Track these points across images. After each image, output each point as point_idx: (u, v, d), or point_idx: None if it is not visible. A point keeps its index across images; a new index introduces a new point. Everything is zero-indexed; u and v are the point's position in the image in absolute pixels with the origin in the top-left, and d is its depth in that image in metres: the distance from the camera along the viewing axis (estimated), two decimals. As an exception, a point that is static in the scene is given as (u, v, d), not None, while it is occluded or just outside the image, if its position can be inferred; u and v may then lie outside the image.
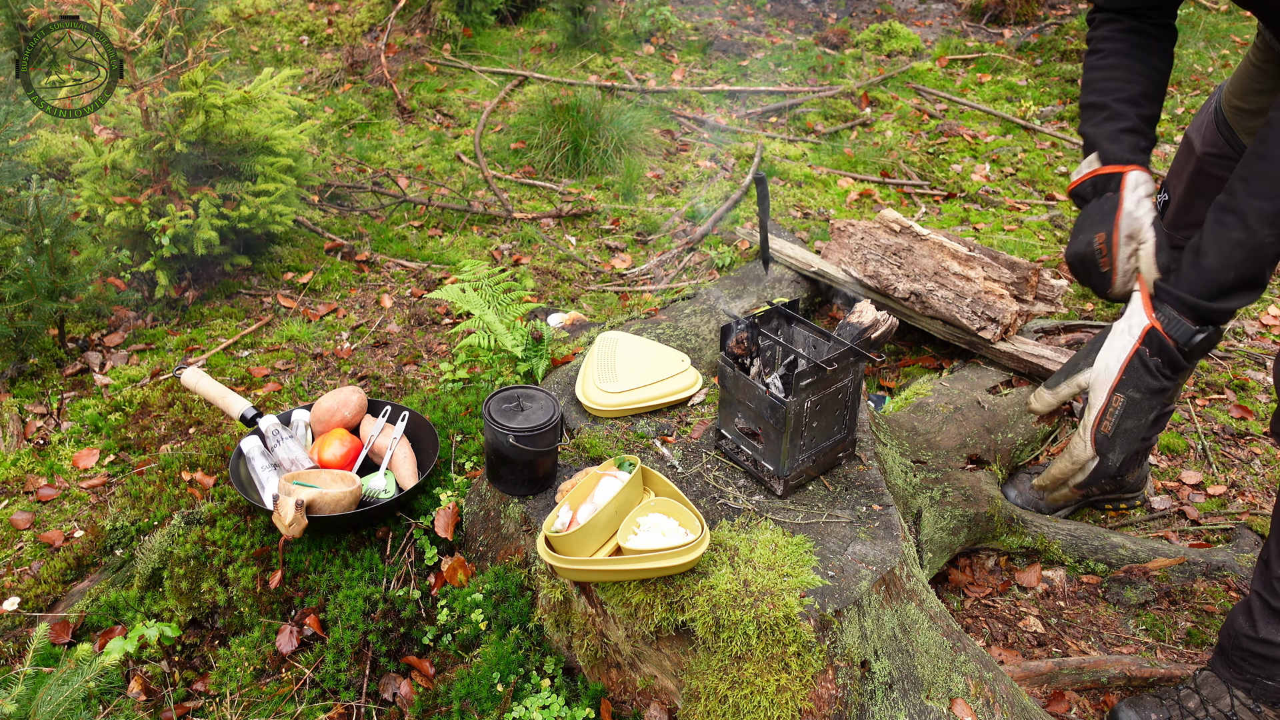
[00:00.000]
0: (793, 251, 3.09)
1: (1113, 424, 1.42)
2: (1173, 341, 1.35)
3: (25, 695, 1.49)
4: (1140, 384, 1.38)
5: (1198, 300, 1.33)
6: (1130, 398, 1.39)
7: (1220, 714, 1.77)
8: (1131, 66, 1.59)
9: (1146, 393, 1.38)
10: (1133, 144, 1.55)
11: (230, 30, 5.37)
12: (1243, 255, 1.28)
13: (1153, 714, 1.81)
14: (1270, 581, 1.69)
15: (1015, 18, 6.57)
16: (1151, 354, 1.37)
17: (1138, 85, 1.58)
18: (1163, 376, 1.37)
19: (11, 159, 2.82)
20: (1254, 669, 1.75)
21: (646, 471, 1.67)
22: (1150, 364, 1.37)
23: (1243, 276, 1.30)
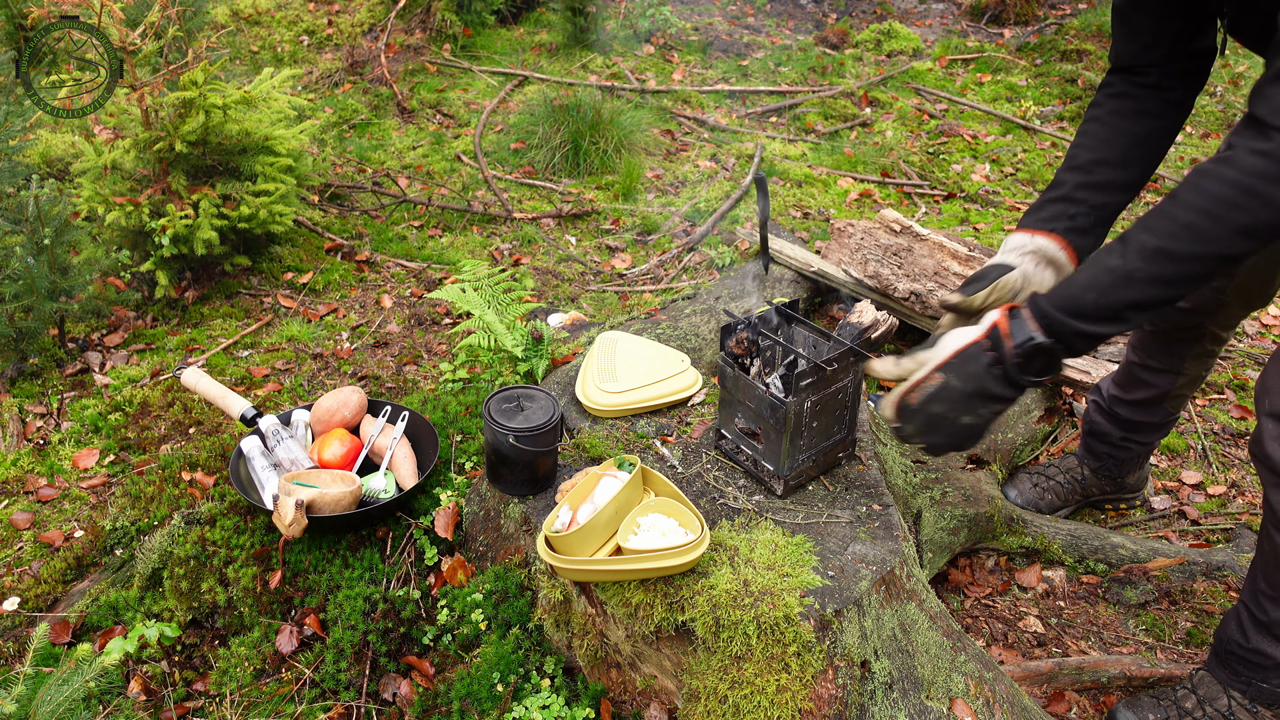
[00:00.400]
0: (793, 251, 3.09)
1: (920, 399, 1.38)
2: (1010, 342, 1.30)
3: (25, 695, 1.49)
4: (963, 373, 1.34)
5: (1050, 307, 1.29)
6: (948, 383, 1.35)
7: (1218, 714, 1.77)
8: (1097, 133, 1.56)
9: (965, 385, 1.34)
10: (1054, 213, 1.54)
11: (230, 30, 5.37)
12: (1109, 281, 1.24)
13: (1150, 714, 1.81)
14: (1257, 596, 1.70)
15: (1015, 18, 6.57)
16: (987, 349, 1.33)
17: (1092, 153, 1.55)
18: (988, 375, 1.32)
19: (11, 159, 2.82)
20: (1248, 672, 1.75)
21: (646, 471, 1.67)
22: (982, 357, 1.33)
23: (1102, 303, 1.25)
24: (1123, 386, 2.23)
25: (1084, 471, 2.40)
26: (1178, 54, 1.51)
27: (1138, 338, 2.16)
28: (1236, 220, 1.15)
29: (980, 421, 1.37)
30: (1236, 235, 1.16)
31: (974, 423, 1.37)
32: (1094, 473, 2.38)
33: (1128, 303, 1.24)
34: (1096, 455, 2.36)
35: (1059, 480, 2.42)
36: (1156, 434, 2.28)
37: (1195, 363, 2.11)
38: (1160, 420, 2.22)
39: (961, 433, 1.39)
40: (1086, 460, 2.39)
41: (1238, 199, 1.14)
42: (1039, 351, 1.28)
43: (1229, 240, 1.17)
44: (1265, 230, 1.15)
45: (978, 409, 1.35)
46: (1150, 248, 1.21)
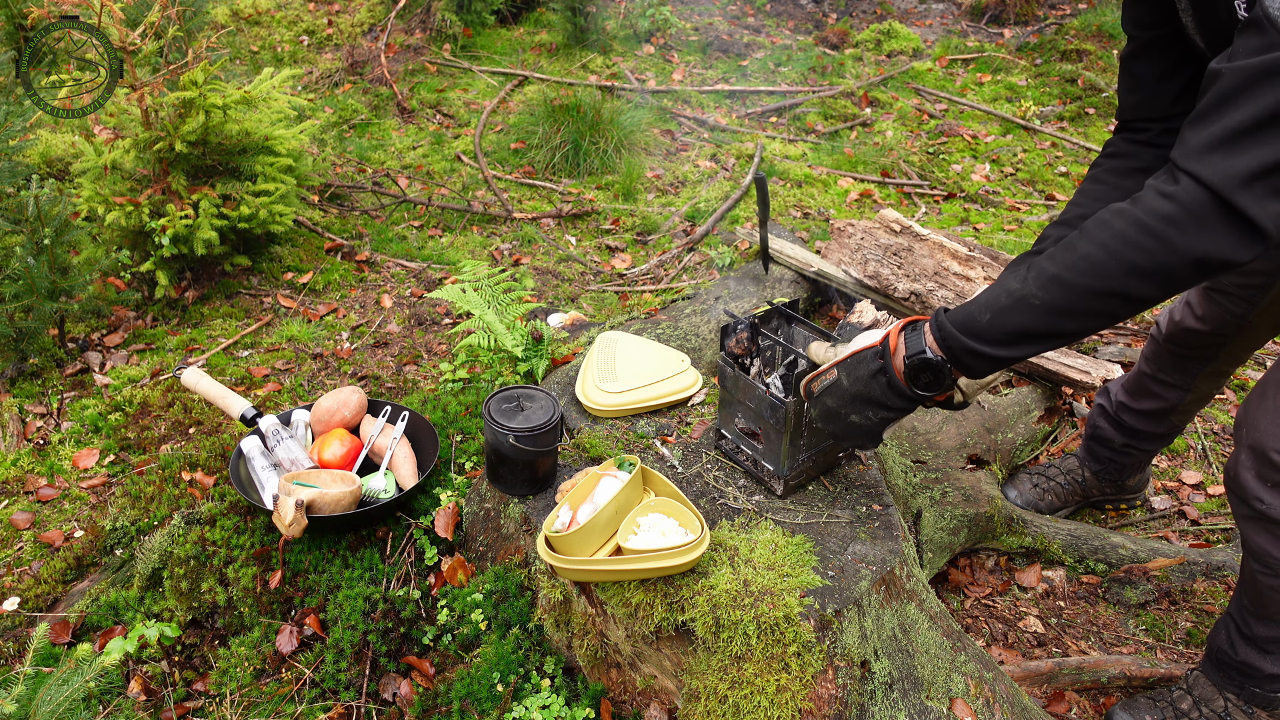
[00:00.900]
0: (793, 251, 3.09)
1: (819, 389, 1.46)
2: (899, 355, 1.31)
3: (25, 695, 1.49)
4: (853, 375, 1.38)
5: (946, 322, 1.28)
6: (840, 380, 1.40)
7: (1214, 714, 1.77)
8: (1089, 190, 1.56)
9: (851, 387, 1.37)
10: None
11: (230, 30, 5.37)
12: (1006, 303, 1.23)
13: (1147, 715, 1.81)
14: (1242, 612, 1.71)
15: (1015, 18, 6.57)
16: (877, 356, 1.34)
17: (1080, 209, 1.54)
18: (873, 382, 1.33)
19: (11, 159, 2.82)
20: (1241, 678, 1.77)
21: (646, 471, 1.67)
22: (871, 363, 1.34)
23: (996, 324, 1.23)
24: (1132, 394, 2.21)
25: (1085, 473, 2.40)
26: (1178, 110, 1.49)
27: (1151, 349, 2.13)
28: (1133, 259, 1.13)
29: (868, 424, 1.39)
30: (1132, 275, 1.14)
31: (862, 424, 1.40)
32: (1095, 475, 2.39)
33: (1020, 329, 1.22)
34: (1098, 459, 2.35)
35: (1059, 481, 2.42)
36: (1160, 442, 2.27)
37: (1207, 381, 2.09)
38: (1165, 431, 2.22)
39: (852, 430, 1.42)
40: (1088, 463, 2.39)
41: (1137, 238, 1.12)
42: (926, 366, 1.29)
43: (1123, 279, 1.15)
44: (1161, 274, 1.13)
45: (864, 411, 1.38)
46: (1048, 274, 1.19)
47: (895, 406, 1.35)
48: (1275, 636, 1.69)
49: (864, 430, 1.41)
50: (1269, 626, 1.68)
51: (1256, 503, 1.55)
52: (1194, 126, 1.12)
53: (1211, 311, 1.91)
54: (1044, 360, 2.58)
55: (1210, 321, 1.92)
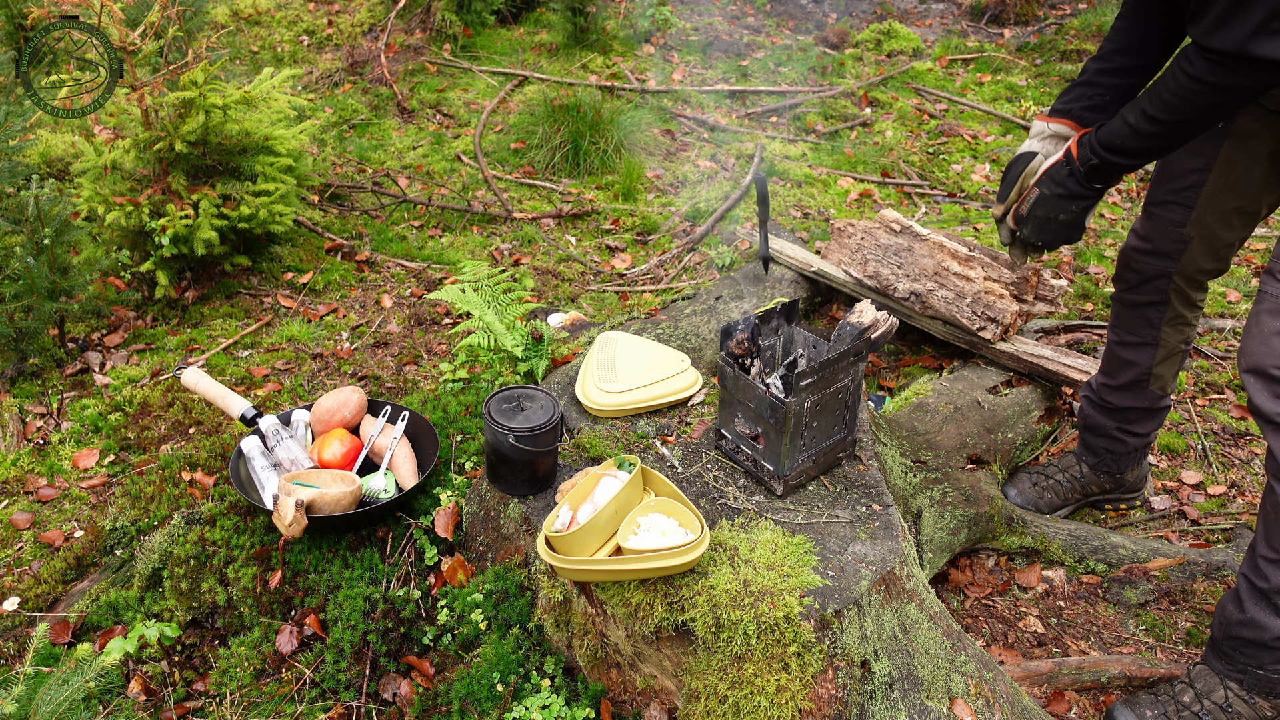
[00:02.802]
0: (793, 251, 3.09)
1: (1028, 207, 1.88)
2: (1078, 158, 1.79)
3: (25, 695, 1.49)
4: (1052, 182, 1.83)
5: (1096, 141, 1.76)
6: (1043, 191, 1.85)
7: (1215, 706, 1.77)
8: (1119, 28, 1.90)
9: (1055, 189, 1.83)
10: (1074, 95, 1.93)
11: (230, 30, 5.37)
12: (1126, 131, 1.70)
13: (1148, 711, 1.81)
14: (1257, 563, 1.72)
15: (1015, 18, 6.57)
16: (1064, 164, 1.81)
17: (1113, 45, 1.90)
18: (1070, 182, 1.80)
19: (11, 159, 2.82)
20: (1244, 658, 1.76)
21: (646, 471, 1.67)
22: (1062, 170, 1.82)
23: (1123, 144, 1.71)
24: (1107, 373, 2.27)
25: (1082, 468, 2.40)
26: None
27: (1115, 315, 2.23)
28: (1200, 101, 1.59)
29: (1073, 217, 1.84)
30: (1203, 110, 1.60)
31: (1069, 219, 1.84)
32: (1092, 469, 2.39)
33: (1138, 148, 1.70)
34: (1094, 450, 2.36)
35: (1058, 479, 2.42)
36: (1150, 423, 2.28)
37: (1172, 331, 2.15)
38: (1149, 404, 2.24)
39: (1063, 227, 1.86)
40: (1085, 457, 2.39)
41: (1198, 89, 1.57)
42: (1096, 168, 1.76)
43: (1199, 113, 1.61)
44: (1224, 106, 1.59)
45: (1069, 206, 1.83)
46: (1148, 114, 1.66)
47: (1088, 195, 1.80)
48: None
49: (1072, 224, 1.85)
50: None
51: (1277, 416, 1.67)
52: (1193, 22, 1.53)
53: (1152, 228, 2.09)
54: (1044, 360, 2.58)
55: (1152, 238, 2.10)
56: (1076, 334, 2.98)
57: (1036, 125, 1.97)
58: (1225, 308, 3.37)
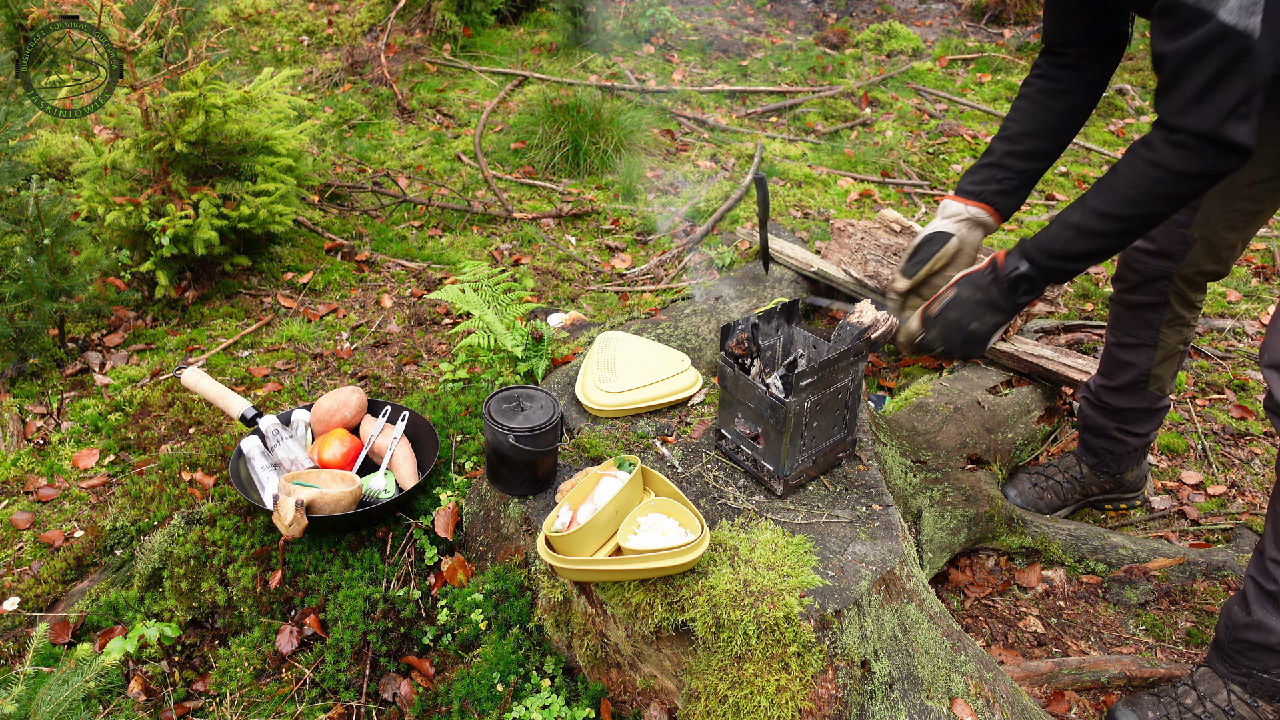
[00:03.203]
0: (793, 251, 3.09)
1: (939, 307, 1.78)
2: (1004, 269, 1.71)
3: (25, 695, 1.49)
4: (971, 287, 1.75)
5: (1030, 246, 1.69)
6: (961, 294, 1.76)
7: (1218, 709, 1.77)
8: (1025, 109, 1.87)
9: (972, 295, 1.74)
10: (984, 177, 1.88)
11: (230, 30, 5.37)
12: (1070, 233, 1.63)
13: (1150, 713, 1.81)
14: (1265, 565, 1.71)
15: (1015, 18, 6.57)
16: (988, 272, 1.74)
17: (1020, 126, 1.86)
18: (993, 290, 1.72)
19: (11, 159, 2.82)
20: (1249, 661, 1.75)
21: (646, 471, 1.67)
22: (984, 277, 1.74)
23: (1068, 249, 1.64)
24: (1106, 374, 2.27)
25: (1082, 469, 2.40)
26: (1091, 36, 1.79)
27: (1114, 315, 2.22)
28: (1159, 191, 1.53)
29: (984, 328, 1.75)
30: (1161, 200, 1.55)
31: (979, 329, 1.75)
32: (1092, 469, 2.39)
33: (1084, 250, 1.64)
34: (1094, 451, 2.36)
35: (1058, 480, 2.42)
36: (1149, 423, 2.28)
37: (1171, 332, 2.14)
38: (1148, 405, 2.24)
39: (971, 337, 1.76)
40: (1084, 457, 2.39)
41: (1159, 176, 1.52)
42: (1022, 278, 1.69)
43: (1155, 204, 1.55)
44: (1183, 195, 1.54)
45: (982, 315, 1.74)
46: (1099, 210, 1.59)
47: (1004, 309, 1.73)
48: None
49: (979, 337, 1.76)
50: None
51: None
52: (1164, 98, 1.49)
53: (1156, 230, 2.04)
54: (1044, 360, 2.58)
55: (1155, 239, 2.06)
56: (1076, 334, 2.99)
57: (950, 205, 1.89)
58: (1225, 308, 3.38)
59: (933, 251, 1.87)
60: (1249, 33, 1.34)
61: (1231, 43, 1.35)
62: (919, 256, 1.89)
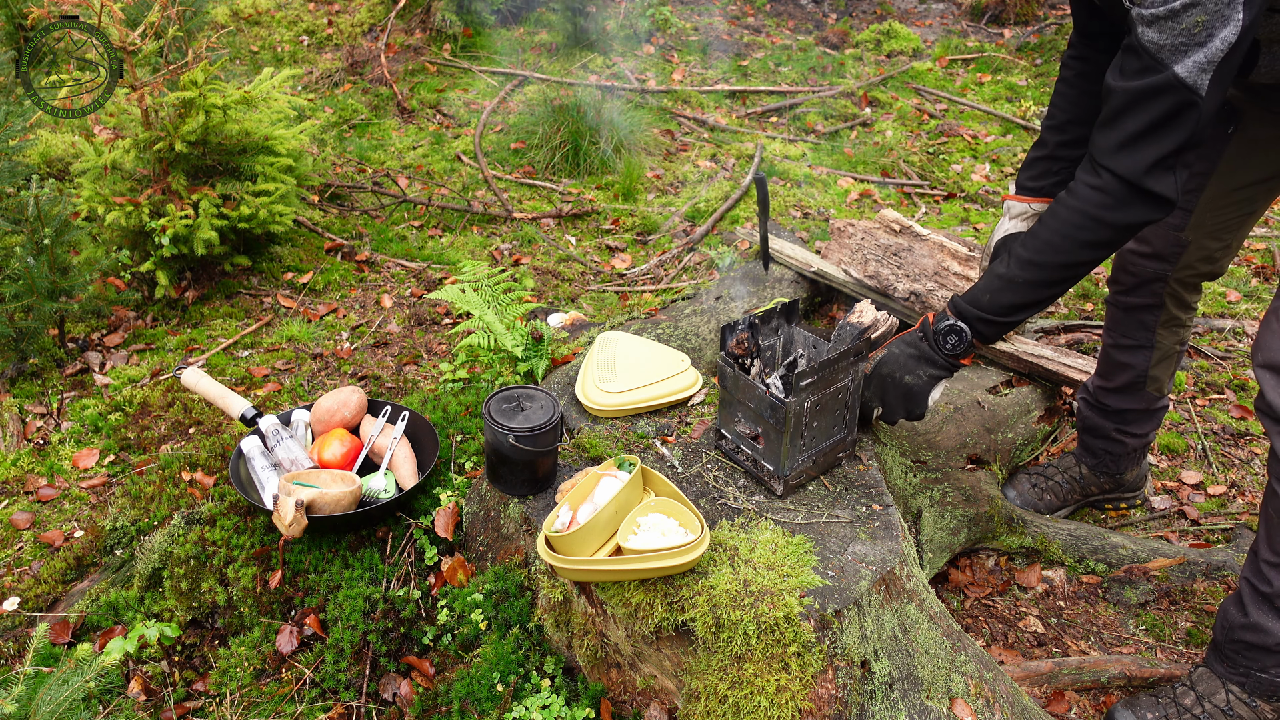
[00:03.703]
0: (793, 251, 3.09)
1: (874, 366, 1.79)
2: (932, 324, 1.70)
3: (25, 695, 1.49)
4: (902, 344, 1.76)
5: (960, 300, 1.68)
6: (891, 351, 1.77)
7: (1216, 709, 1.77)
8: (1068, 95, 1.82)
9: (903, 351, 1.74)
10: (1041, 170, 1.85)
11: (230, 30, 5.37)
12: (998, 285, 1.63)
13: (1149, 713, 1.81)
14: (1259, 567, 1.71)
15: (1015, 18, 6.57)
16: (918, 329, 1.75)
17: (1066, 114, 1.82)
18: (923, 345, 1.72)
19: (11, 159, 2.82)
20: (1246, 661, 1.76)
21: (646, 471, 1.67)
22: (914, 334, 1.75)
23: (994, 301, 1.63)
24: (1103, 375, 2.28)
25: (1082, 469, 2.40)
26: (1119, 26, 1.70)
27: (1110, 318, 2.21)
28: (1082, 238, 1.53)
29: (920, 383, 1.73)
30: (1084, 248, 1.54)
31: (915, 382, 1.73)
32: (1092, 470, 2.39)
33: (1011, 302, 1.63)
34: (1093, 452, 2.36)
35: (1058, 480, 2.42)
36: (1148, 424, 2.28)
37: (1167, 333, 2.14)
38: (1146, 406, 2.24)
39: (908, 391, 1.74)
40: (1084, 458, 2.40)
41: (1082, 223, 1.52)
42: (951, 330, 1.68)
43: (1078, 252, 1.55)
44: (1103, 243, 1.54)
45: (916, 369, 1.73)
46: (1023, 259, 1.59)
47: (939, 364, 1.71)
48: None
49: (916, 391, 1.73)
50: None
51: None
52: (1102, 131, 1.49)
53: (1150, 231, 2.03)
54: (1044, 360, 2.58)
55: (1149, 241, 2.04)
56: (1076, 334, 2.99)
57: (1015, 206, 1.88)
58: (1225, 308, 3.38)
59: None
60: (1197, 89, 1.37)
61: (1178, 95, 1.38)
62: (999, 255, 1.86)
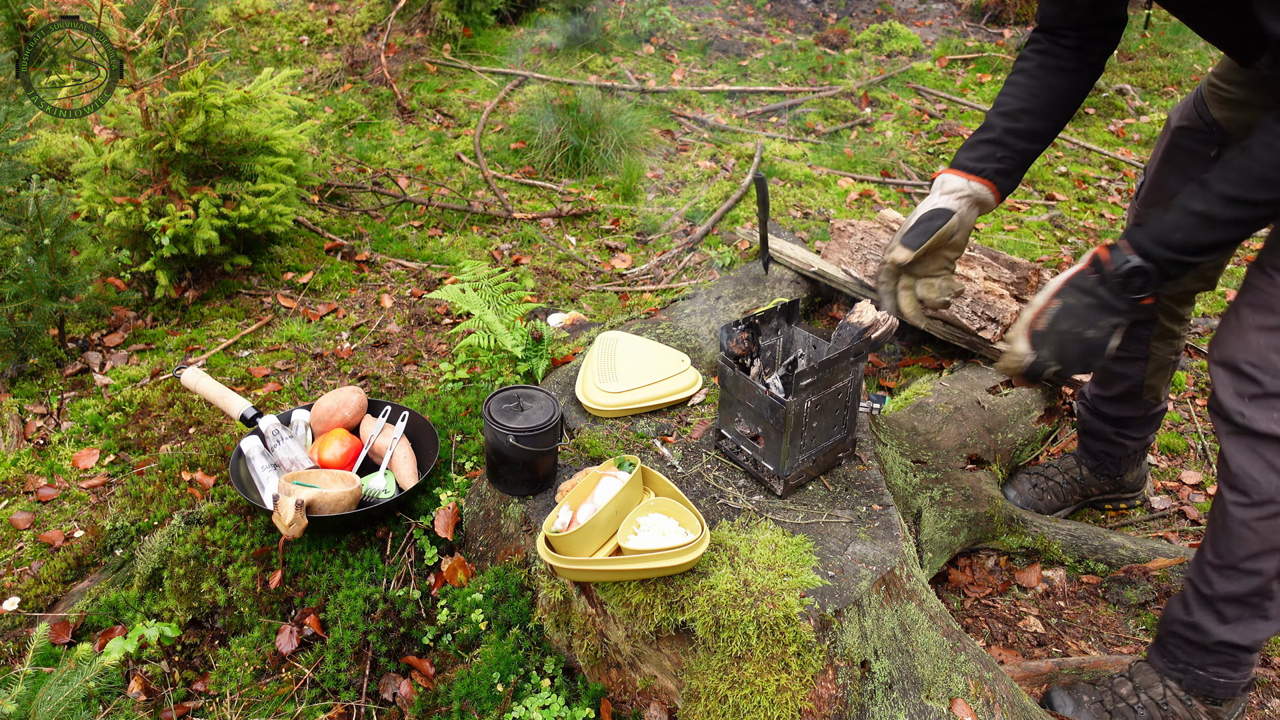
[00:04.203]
0: (793, 251, 3.09)
1: (1046, 322, 1.58)
2: (1110, 266, 1.54)
3: (25, 695, 1.49)
4: (1078, 291, 1.57)
5: (1144, 239, 1.52)
6: (1068, 302, 1.57)
7: (1152, 702, 1.78)
8: (1025, 84, 1.75)
9: (1081, 300, 1.56)
10: (984, 154, 1.75)
11: (230, 30, 5.37)
12: (1193, 221, 1.48)
13: (1085, 697, 1.83)
14: (1203, 568, 1.71)
15: (1015, 18, 6.57)
16: (1091, 273, 1.56)
17: (1020, 102, 1.74)
18: (1101, 291, 1.54)
19: (11, 159, 2.82)
20: (1186, 657, 1.76)
21: (646, 471, 1.67)
22: (1089, 278, 1.56)
23: (1188, 240, 1.49)
24: (1100, 384, 2.28)
25: (1082, 471, 2.41)
26: (1093, 21, 1.71)
27: None
28: None
29: (1102, 335, 1.56)
30: None
31: (1097, 335, 1.56)
32: (1092, 471, 2.39)
33: (1209, 241, 1.48)
34: (1093, 454, 2.37)
35: (1058, 480, 2.42)
36: (1146, 428, 2.29)
37: (1161, 345, 2.14)
38: (1144, 412, 2.24)
39: (1089, 346, 1.57)
40: (1084, 459, 2.40)
41: None
42: (1136, 272, 1.51)
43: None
44: None
45: (1097, 321, 1.56)
46: (1229, 195, 1.44)
47: (1119, 310, 1.55)
48: (1236, 594, 1.66)
49: (1098, 345, 1.57)
50: (1232, 579, 1.65)
51: (1238, 416, 1.59)
52: None
53: None
54: (1044, 360, 2.58)
55: None
56: (1076, 334, 2.98)
57: (950, 180, 1.76)
58: (1225, 307, 3.38)
59: (936, 226, 1.72)
60: None
61: None
62: (920, 229, 1.73)
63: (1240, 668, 1.74)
